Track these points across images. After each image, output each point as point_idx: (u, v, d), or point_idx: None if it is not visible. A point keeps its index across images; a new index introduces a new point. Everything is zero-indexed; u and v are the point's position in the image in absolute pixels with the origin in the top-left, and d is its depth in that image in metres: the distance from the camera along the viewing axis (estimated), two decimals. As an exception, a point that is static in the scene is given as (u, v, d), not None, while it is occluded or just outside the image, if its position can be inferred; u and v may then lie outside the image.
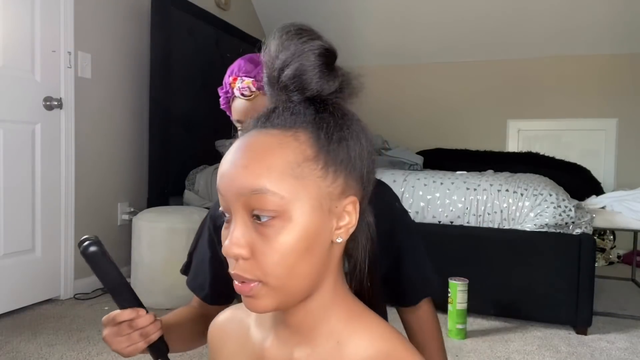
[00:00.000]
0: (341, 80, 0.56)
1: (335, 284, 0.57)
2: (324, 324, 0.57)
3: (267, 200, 0.50)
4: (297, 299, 0.55)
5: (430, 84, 4.53)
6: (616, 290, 3.04)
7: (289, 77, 0.54)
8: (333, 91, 0.56)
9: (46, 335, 2.08)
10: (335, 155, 0.53)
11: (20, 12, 2.35)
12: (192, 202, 3.09)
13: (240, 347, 0.65)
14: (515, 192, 2.34)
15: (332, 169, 0.53)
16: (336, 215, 0.54)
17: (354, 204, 0.55)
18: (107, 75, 2.84)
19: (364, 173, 0.56)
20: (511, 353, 2.04)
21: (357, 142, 0.55)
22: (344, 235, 0.55)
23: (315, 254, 0.53)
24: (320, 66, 0.54)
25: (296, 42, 0.54)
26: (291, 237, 0.51)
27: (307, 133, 0.53)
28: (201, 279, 1.07)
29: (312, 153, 0.52)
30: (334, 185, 0.53)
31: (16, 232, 2.34)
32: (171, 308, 2.35)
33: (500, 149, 4.17)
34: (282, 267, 0.51)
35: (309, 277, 0.54)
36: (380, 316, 0.59)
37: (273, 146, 0.52)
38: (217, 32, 3.52)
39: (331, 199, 0.53)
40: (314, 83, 0.54)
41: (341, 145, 0.54)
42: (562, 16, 3.90)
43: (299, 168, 0.51)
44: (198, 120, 3.28)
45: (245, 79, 0.97)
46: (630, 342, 2.17)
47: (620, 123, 4.07)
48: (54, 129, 2.52)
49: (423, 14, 4.16)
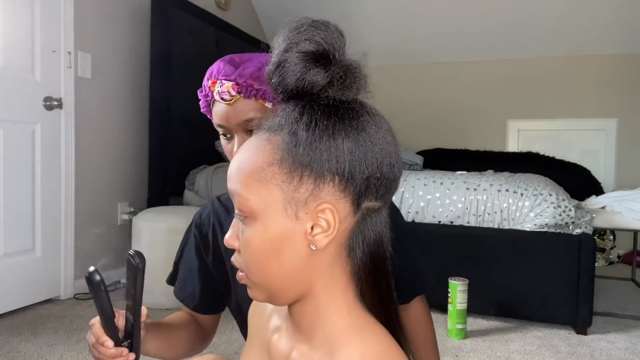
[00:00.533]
0: (331, 75, 0.52)
1: (329, 289, 0.55)
2: (320, 329, 0.56)
3: (239, 202, 0.54)
4: (283, 298, 0.56)
5: (430, 84, 4.53)
6: (616, 290, 3.04)
7: (270, 71, 0.54)
8: (321, 85, 0.52)
9: (46, 335, 2.08)
10: (302, 159, 0.51)
11: (20, 12, 2.35)
12: (192, 202, 3.09)
13: (259, 330, 0.68)
14: (515, 192, 2.34)
15: (297, 174, 0.51)
16: (309, 220, 0.52)
17: (332, 212, 0.52)
18: (107, 75, 2.84)
19: (354, 176, 0.52)
20: (511, 353, 2.04)
21: (340, 143, 0.51)
22: (319, 243, 0.52)
23: (285, 257, 0.53)
24: (298, 59, 0.52)
25: (289, 36, 0.54)
26: (256, 237, 0.54)
27: (282, 136, 0.53)
28: (190, 289, 1.04)
29: (277, 157, 0.52)
30: (301, 191, 0.51)
31: (16, 232, 2.34)
32: (171, 308, 2.35)
33: (500, 149, 4.17)
34: (253, 264, 0.55)
35: (284, 278, 0.54)
36: (384, 329, 0.56)
37: (251, 149, 0.55)
38: (217, 32, 3.52)
39: (297, 205, 0.52)
40: (290, 77, 0.52)
41: (311, 148, 0.51)
42: (562, 16, 3.90)
43: (263, 172, 0.52)
44: (198, 120, 3.24)
45: (224, 82, 0.92)
46: (630, 342, 2.17)
47: (620, 123, 4.07)
48: (54, 129, 2.52)
49: (423, 14, 4.16)
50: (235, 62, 0.95)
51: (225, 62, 0.95)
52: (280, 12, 4.42)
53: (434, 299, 1.08)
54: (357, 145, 0.52)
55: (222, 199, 1.07)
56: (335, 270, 0.55)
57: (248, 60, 0.95)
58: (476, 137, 4.33)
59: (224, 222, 1.03)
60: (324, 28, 0.54)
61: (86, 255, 2.70)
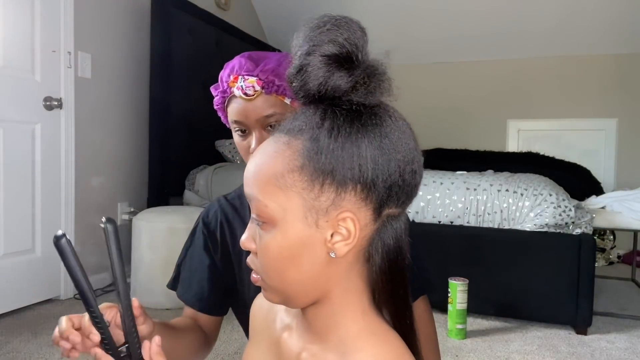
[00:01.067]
0: (355, 78, 0.50)
1: (345, 294, 0.55)
2: (334, 332, 0.56)
3: (257, 207, 0.53)
4: (299, 301, 0.56)
5: (430, 84, 4.53)
6: (616, 290, 3.04)
7: (291, 74, 0.52)
8: (344, 90, 0.51)
9: (46, 335, 2.08)
10: (324, 167, 0.50)
11: (20, 12, 2.35)
12: (192, 202, 3.09)
13: (266, 328, 0.67)
14: (515, 192, 2.34)
15: (318, 182, 0.50)
16: (330, 228, 0.51)
17: (353, 220, 0.51)
18: (107, 75, 2.84)
19: (376, 183, 0.50)
20: (511, 353, 2.04)
21: (363, 150, 0.50)
22: (339, 251, 0.51)
23: (304, 264, 0.53)
24: (321, 63, 0.50)
25: (306, 38, 0.51)
26: (275, 244, 0.53)
27: (302, 141, 0.51)
28: (197, 289, 1.01)
29: (298, 163, 0.50)
30: (321, 199, 0.50)
31: (16, 232, 2.34)
32: (171, 308, 2.35)
33: (500, 149, 4.16)
34: (270, 270, 0.54)
35: (301, 285, 0.54)
36: (397, 335, 0.55)
37: (269, 154, 0.53)
38: (217, 32, 3.52)
39: (317, 213, 0.51)
40: (312, 81, 0.51)
41: (333, 156, 0.49)
42: (562, 16, 3.90)
43: (283, 179, 0.51)
44: (198, 120, 3.27)
45: (248, 77, 0.92)
46: (630, 342, 2.17)
47: (620, 123, 4.07)
48: (54, 129, 2.52)
49: (423, 14, 4.16)
50: (254, 58, 0.95)
51: (245, 58, 0.95)
52: (280, 12, 4.42)
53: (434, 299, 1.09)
54: (381, 152, 0.50)
55: (228, 197, 1.06)
56: (353, 276, 0.55)
57: (266, 57, 0.96)
58: (476, 137, 4.32)
59: (231, 220, 1.02)
60: (346, 27, 0.52)
61: (86, 255, 2.70)
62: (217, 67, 1.01)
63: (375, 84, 0.51)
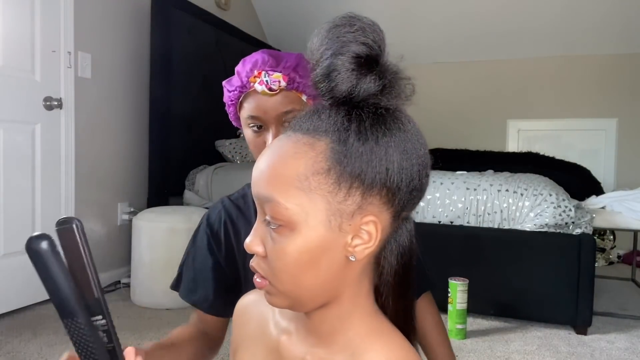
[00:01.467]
0: (383, 81, 0.50)
1: (355, 297, 0.55)
2: (341, 334, 0.55)
3: (274, 209, 0.50)
4: (309, 306, 0.54)
5: (431, 84, 4.53)
6: (616, 290, 3.04)
7: (319, 75, 0.51)
8: (372, 93, 0.50)
9: (46, 335, 2.08)
10: (351, 170, 0.49)
11: (20, 12, 2.35)
12: (192, 202, 3.09)
13: (260, 334, 0.65)
14: (515, 192, 2.34)
15: (345, 185, 0.49)
16: (351, 232, 0.51)
17: (375, 223, 0.51)
18: (107, 75, 2.84)
19: (395, 190, 0.51)
20: (511, 353, 2.04)
21: (386, 155, 0.50)
22: (359, 254, 0.51)
23: (322, 268, 0.51)
24: (352, 65, 0.49)
25: (334, 37, 0.50)
26: (294, 248, 0.50)
27: (327, 142, 0.50)
28: (202, 290, 1.00)
29: (324, 166, 0.49)
30: (347, 203, 0.49)
31: (16, 232, 2.34)
32: (171, 308, 2.35)
33: (500, 149, 4.16)
34: (285, 274, 0.51)
35: (316, 289, 0.52)
36: (402, 334, 0.56)
37: (288, 154, 0.50)
38: (217, 32, 3.52)
39: (342, 216, 0.50)
40: (343, 84, 0.49)
41: (361, 160, 0.49)
42: (562, 16, 3.90)
43: (307, 181, 0.49)
44: (198, 120, 3.28)
45: (272, 72, 0.92)
46: (630, 342, 2.17)
47: (620, 123, 4.07)
48: (54, 129, 2.52)
49: (423, 14, 4.17)
50: (274, 55, 0.96)
51: (267, 55, 0.96)
52: (280, 12, 4.42)
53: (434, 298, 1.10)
54: (405, 157, 0.51)
55: (232, 197, 1.06)
56: (364, 279, 0.55)
57: (284, 55, 0.97)
58: (476, 137, 4.33)
59: (235, 220, 1.02)
60: (371, 28, 0.50)
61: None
62: (217, 67, 1.01)
63: (399, 88, 0.52)
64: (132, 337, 2.05)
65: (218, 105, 1.06)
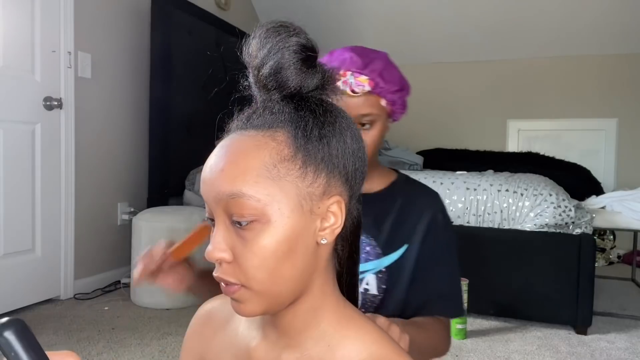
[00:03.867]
0: (322, 77, 0.54)
1: (324, 285, 0.56)
2: (314, 327, 0.56)
3: (244, 204, 0.50)
4: (284, 303, 0.54)
5: (430, 84, 4.53)
6: (616, 290, 3.04)
7: (267, 75, 0.53)
8: (314, 88, 0.54)
9: (46, 335, 2.08)
10: (315, 154, 0.52)
11: (20, 12, 2.35)
12: (192, 202, 3.09)
13: (228, 344, 0.64)
14: (515, 192, 2.34)
15: (311, 169, 0.51)
16: (320, 215, 0.52)
17: (339, 204, 0.53)
18: (107, 75, 2.84)
19: (350, 171, 0.54)
20: (511, 353, 2.04)
21: (340, 139, 0.54)
22: (329, 236, 0.53)
23: (298, 256, 0.52)
24: (297, 62, 0.52)
25: (274, 39, 0.53)
26: (271, 240, 0.50)
27: (285, 132, 0.52)
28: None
29: (289, 152, 0.51)
30: (315, 185, 0.52)
31: (16, 232, 2.34)
32: (171, 308, 2.35)
33: (500, 149, 4.17)
34: (263, 271, 0.51)
35: (294, 280, 0.53)
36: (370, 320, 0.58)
37: (249, 148, 0.51)
38: (217, 32, 3.52)
39: (312, 200, 0.52)
40: (292, 80, 0.52)
41: (322, 143, 0.52)
42: (562, 16, 3.90)
43: (275, 169, 0.50)
44: (198, 120, 3.27)
45: (359, 75, 0.91)
46: (630, 342, 2.17)
47: (620, 123, 4.07)
48: (54, 129, 2.52)
49: (423, 14, 4.17)
50: (360, 54, 0.94)
51: (354, 54, 0.94)
52: (280, 12, 4.41)
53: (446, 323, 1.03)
54: (354, 140, 0.55)
55: None
56: (329, 264, 0.57)
57: (370, 54, 0.96)
58: (476, 137, 4.33)
59: None
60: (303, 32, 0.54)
61: (86, 255, 2.70)
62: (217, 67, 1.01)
63: (335, 83, 0.56)
64: (132, 337, 2.05)
65: (218, 105, 1.06)
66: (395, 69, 1.00)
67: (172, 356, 1.90)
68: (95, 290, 2.69)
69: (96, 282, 2.74)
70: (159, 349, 1.95)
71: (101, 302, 2.53)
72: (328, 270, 0.57)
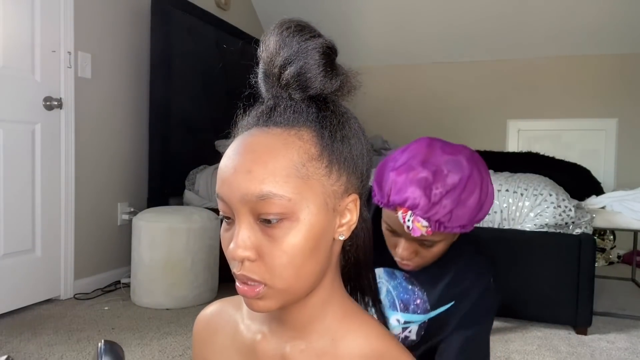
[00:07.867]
0: (342, 79, 0.55)
1: (333, 280, 0.58)
2: (319, 321, 0.57)
3: (274, 204, 0.50)
4: (300, 298, 0.55)
5: (430, 84, 4.53)
6: (616, 290, 3.04)
7: (292, 74, 0.53)
8: (334, 90, 0.55)
9: (46, 335, 2.08)
10: (338, 154, 0.53)
11: (20, 12, 2.35)
12: (192, 202, 3.09)
13: (230, 341, 0.64)
14: (515, 192, 2.34)
15: (335, 167, 0.53)
16: (339, 213, 0.55)
17: (355, 201, 0.56)
18: (107, 75, 2.84)
19: (364, 170, 0.57)
20: (511, 353, 2.04)
21: (357, 140, 0.56)
22: (346, 232, 0.55)
23: (320, 252, 0.53)
24: (323, 65, 0.53)
25: (298, 39, 0.53)
26: (299, 237, 0.51)
27: (311, 131, 0.52)
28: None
29: (316, 152, 0.52)
30: (338, 184, 0.53)
31: (16, 232, 2.34)
32: (171, 308, 2.35)
33: (500, 149, 4.17)
34: (290, 268, 0.51)
35: (314, 276, 0.54)
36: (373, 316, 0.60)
37: (277, 147, 0.51)
38: (217, 32, 3.52)
39: (335, 197, 0.53)
40: (318, 82, 0.53)
41: (344, 144, 0.54)
42: (562, 16, 3.90)
43: (304, 168, 0.51)
44: (198, 120, 3.28)
45: (419, 219, 0.84)
46: (630, 342, 2.17)
47: (620, 123, 4.07)
48: (54, 129, 2.52)
49: (423, 14, 4.17)
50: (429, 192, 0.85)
51: (422, 192, 0.85)
52: (280, 12, 4.38)
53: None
54: (365, 142, 0.58)
55: None
56: (338, 260, 0.59)
57: (446, 188, 0.86)
58: (476, 137, 4.33)
59: None
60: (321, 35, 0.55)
61: (86, 255, 2.70)
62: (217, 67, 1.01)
63: (351, 86, 0.57)
64: (132, 337, 2.05)
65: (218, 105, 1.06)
66: (470, 197, 0.89)
67: (172, 356, 1.90)
68: (95, 290, 2.69)
69: (96, 282, 2.74)
70: (159, 349, 1.95)
71: (101, 302, 2.53)
72: (337, 265, 0.59)
